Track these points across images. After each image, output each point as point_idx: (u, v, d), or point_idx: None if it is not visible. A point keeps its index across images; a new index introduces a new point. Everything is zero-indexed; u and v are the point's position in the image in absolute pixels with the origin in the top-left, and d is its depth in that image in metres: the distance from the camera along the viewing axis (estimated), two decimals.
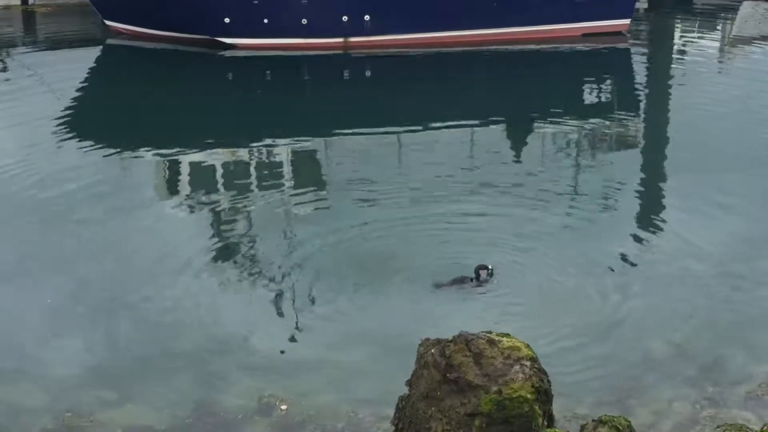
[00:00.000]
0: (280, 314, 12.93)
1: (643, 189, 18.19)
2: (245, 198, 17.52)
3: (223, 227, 16.08)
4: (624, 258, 14.59)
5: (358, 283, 13.62)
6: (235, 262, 14.49)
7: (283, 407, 10.75)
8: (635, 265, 14.41)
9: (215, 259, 14.64)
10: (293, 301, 13.24)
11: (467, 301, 13.13)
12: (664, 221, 16.32)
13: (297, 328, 12.59)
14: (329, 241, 15.18)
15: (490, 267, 13.56)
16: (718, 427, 9.78)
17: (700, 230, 15.48)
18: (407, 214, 16.25)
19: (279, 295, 13.41)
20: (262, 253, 14.78)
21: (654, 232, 15.76)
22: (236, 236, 15.62)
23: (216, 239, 15.47)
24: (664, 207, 17.17)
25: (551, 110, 24.32)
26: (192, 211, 17.04)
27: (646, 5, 40.36)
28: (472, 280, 13.42)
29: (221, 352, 12.01)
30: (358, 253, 14.63)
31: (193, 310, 13.06)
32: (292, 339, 12.34)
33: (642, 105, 26.32)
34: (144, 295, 13.53)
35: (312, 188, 17.99)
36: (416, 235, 15.26)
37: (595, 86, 28.46)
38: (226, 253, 14.90)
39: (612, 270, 14.16)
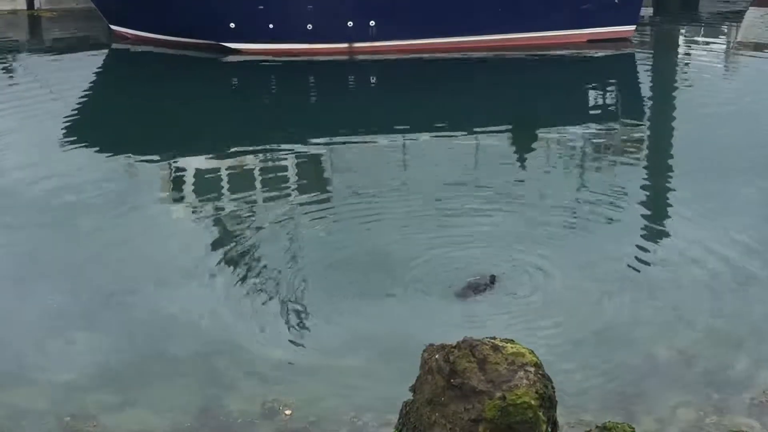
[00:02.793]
0: (285, 319, 12.91)
1: (648, 195, 18.16)
2: (250, 203, 17.51)
3: (227, 232, 16.07)
4: (628, 264, 14.54)
5: (363, 289, 13.61)
6: (239, 267, 14.48)
7: (288, 412, 10.73)
8: (639, 271, 14.37)
9: (219, 263, 14.63)
10: (298, 306, 13.23)
11: (472, 306, 13.11)
12: (668, 227, 16.30)
13: (301, 333, 12.58)
14: (334, 247, 15.18)
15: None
16: None
17: (705, 237, 15.45)
18: (412, 220, 16.23)
19: (283, 300, 13.39)
20: (267, 258, 14.76)
21: (659, 239, 15.74)
22: (240, 241, 15.60)
23: (220, 244, 15.45)
24: (669, 213, 17.15)
25: (556, 116, 24.32)
26: (196, 216, 17.03)
27: (651, 12, 40.34)
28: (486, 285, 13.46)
29: (225, 356, 11.99)
30: (362, 259, 14.61)
31: (196, 314, 13.05)
32: (297, 344, 12.32)
33: (647, 111, 26.30)
34: (147, 299, 13.53)
35: (317, 193, 17.97)
36: (421, 241, 15.23)
37: (600, 92, 28.42)
38: (230, 257, 14.89)
39: (616, 276, 14.12)
